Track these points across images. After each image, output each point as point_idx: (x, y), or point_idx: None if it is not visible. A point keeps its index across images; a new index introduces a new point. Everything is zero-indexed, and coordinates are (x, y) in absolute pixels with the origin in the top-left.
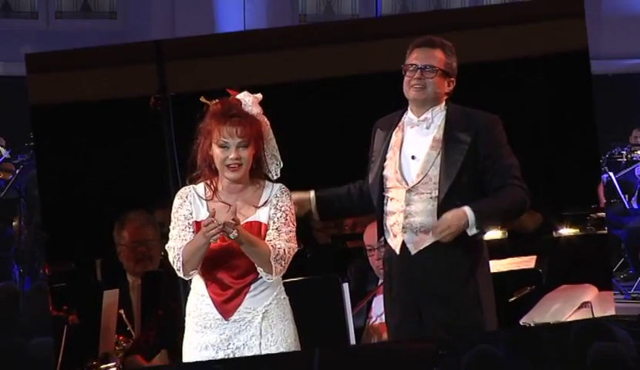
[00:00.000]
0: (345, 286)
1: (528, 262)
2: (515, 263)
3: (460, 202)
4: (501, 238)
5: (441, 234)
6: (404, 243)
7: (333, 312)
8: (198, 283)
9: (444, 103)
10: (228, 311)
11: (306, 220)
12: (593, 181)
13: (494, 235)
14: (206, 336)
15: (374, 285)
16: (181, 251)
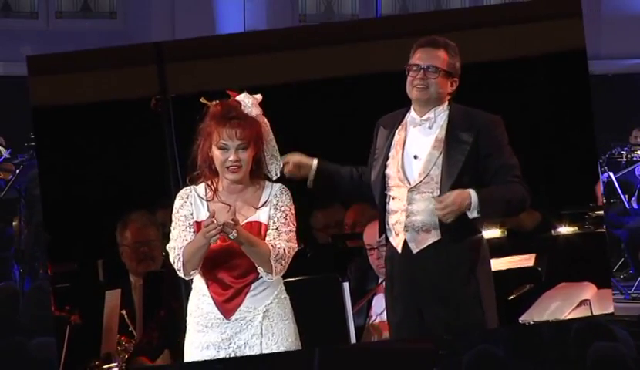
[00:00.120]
0: (346, 285)
1: (527, 260)
2: (514, 261)
3: None
4: (500, 237)
5: (444, 210)
6: (406, 241)
7: (333, 311)
8: (199, 283)
9: (447, 103)
10: (229, 311)
11: (306, 220)
12: (591, 180)
13: (493, 234)
14: (207, 335)
15: (374, 284)
16: (181, 251)
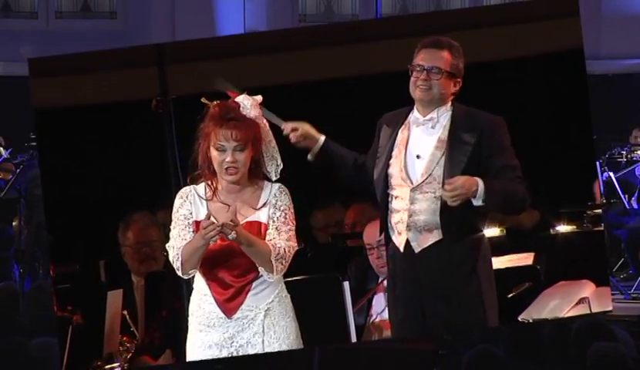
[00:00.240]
0: (346, 284)
1: (526, 259)
2: (513, 260)
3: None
4: (499, 235)
5: (452, 193)
6: (408, 241)
7: (334, 310)
8: (200, 282)
9: (450, 103)
10: (231, 310)
11: (306, 220)
12: (589, 178)
13: (493, 233)
14: (209, 335)
15: (374, 283)
16: (180, 251)
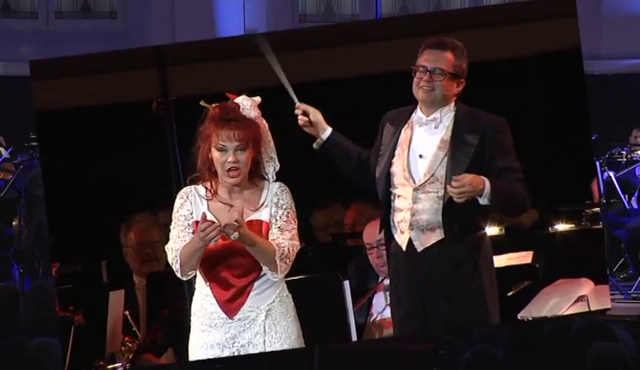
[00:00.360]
0: (346, 284)
1: (525, 257)
2: (512, 258)
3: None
4: (498, 234)
5: (459, 189)
6: (410, 240)
7: (334, 309)
8: (202, 283)
9: (453, 103)
10: (232, 310)
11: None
12: (588, 177)
13: (492, 231)
14: (211, 335)
15: (374, 282)
16: (179, 253)
